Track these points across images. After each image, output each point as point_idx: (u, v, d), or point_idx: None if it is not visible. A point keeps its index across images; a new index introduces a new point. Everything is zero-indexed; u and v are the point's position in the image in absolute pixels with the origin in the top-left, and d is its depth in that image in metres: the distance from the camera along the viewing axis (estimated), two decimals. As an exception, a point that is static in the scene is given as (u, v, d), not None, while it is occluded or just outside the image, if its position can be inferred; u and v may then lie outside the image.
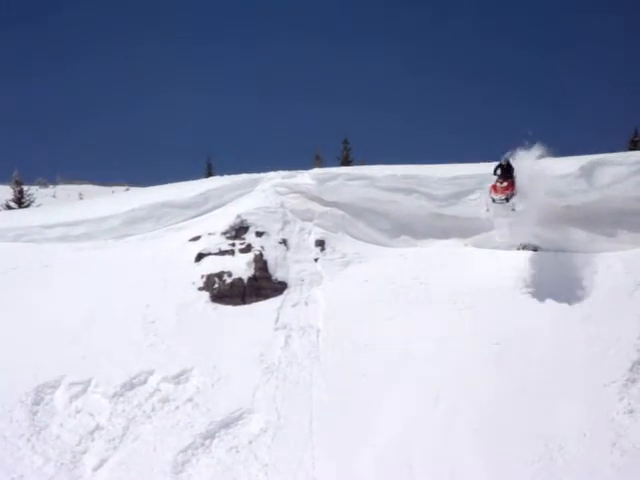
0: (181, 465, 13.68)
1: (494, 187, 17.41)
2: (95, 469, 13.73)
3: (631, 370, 14.73)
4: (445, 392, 14.71)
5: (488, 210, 17.72)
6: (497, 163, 17.72)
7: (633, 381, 14.54)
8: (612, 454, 13.09)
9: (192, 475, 13.52)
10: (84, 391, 15.32)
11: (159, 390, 15.40)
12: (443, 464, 13.15)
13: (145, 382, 15.55)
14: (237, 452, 13.93)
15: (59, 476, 13.47)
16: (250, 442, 14.12)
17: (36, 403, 14.93)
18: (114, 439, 14.31)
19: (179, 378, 15.61)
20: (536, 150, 17.87)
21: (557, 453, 13.17)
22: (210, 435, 14.26)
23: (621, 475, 12.64)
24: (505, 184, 17.27)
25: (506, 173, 17.48)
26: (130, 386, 15.39)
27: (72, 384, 15.41)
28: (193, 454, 13.94)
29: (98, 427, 14.59)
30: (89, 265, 19.68)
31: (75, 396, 15.22)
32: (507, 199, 17.28)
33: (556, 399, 14.25)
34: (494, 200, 17.36)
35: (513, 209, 17.37)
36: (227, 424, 14.49)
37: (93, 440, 14.29)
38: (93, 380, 15.46)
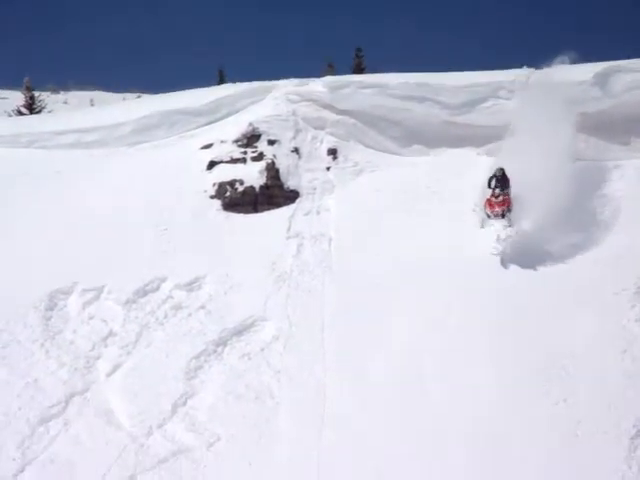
0: (193, 371, 13.47)
1: (489, 202, 16.14)
2: (109, 374, 13.52)
3: (642, 277, 14.36)
4: (457, 301, 14.39)
5: (483, 227, 16.20)
6: (491, 174, 16.33)
7: (645, 287, 14.18)
8: (623, 361, 12.80)
9: (204, 381, 13.32)
10: (97, 297, 15.06)
11: (172, 297, 15.13)
12: (454, 371, 12.90)
13: (158, 289, 15.27)
14: (249, 359, 13.72)
15: (73, 381, 13.27)
16: (262, 349, 13.89)
17: (49, 309, 14.68)
18: (127, 345, 14.09)
19: (191, 285, 15.33)
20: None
21: (568, 361, 12.88)
22: (222, 342, 14.03)
23: (632, 382, 12.38)
24: (500, 198, 15.97)
25: (501, 185, 16.10)
26: (143, 293, 15.13)
27: (85, 290, 15.14)
28: (205, 361, 13.72)
29: (111, 333, 14.35)
30: (101, 172, 19.31)
31: (88, 302, 14.97)
32: (503, 214, 15.98)
33: (567, 308, 13.93)
34: (489, 216, 16.10)
35: (509, 225, 15.82)
36: (239, 331, 14.24)
37: (106, 346, 14.08)
38: (106, 287, 15.18)
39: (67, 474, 11.61)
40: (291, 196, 18.36)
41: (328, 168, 19.26)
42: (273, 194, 18.34)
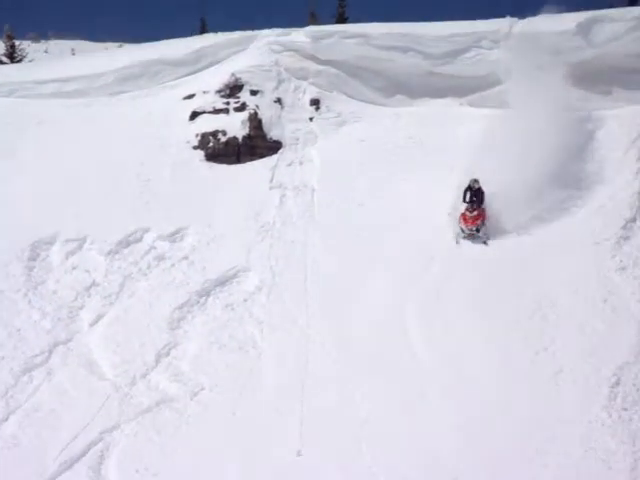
0: (177, 322, 13.38)
1: (463, 217, 15.07)
2: (92, 324, 13.41)
3: (624, 228, 14.35)
4: (440, 254, 14.34)
5: (458, 242, 14.95)
6: (465, 186, 15.29)
7: (626, 238, 14.18)
8: (603, 311, 12.78)
9: (188, 331, 13.23)
10: (80, 248, 14.89)
11: (154, 248, 14.98)
12: (436, 320, 12.87)
13: (141, 240, 15.12)
14: (232, 310, 13.63)
15: (56, 330, 13.16)
16: (245, 300, 13.80)
17: (32, 259, 14.51)
18: (110, 295, 13.96)
19: (174, 236, 15.17)
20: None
21: (549, 310, 12.86)
22: (205, 293, 13.93)
23: (612, 331, 12.36)
24: (475, 213, 14.93)
25: (476, 198, 15.12)
26: (126, 243, 14.96)
27: (68, 241, 14.97)
28: (189, 311, 13.62)
29: (94, 283, 14.22)
30: (83, 122, 18.98)
31: (71, 252, 14.80)
32: (477, 229, 14.95)
33: (549, 259, 13.89)
34: (463, 231, 15.03)
35: (485, 242, 14.86)
36: (222, 282, 14.13)
37: (89, 296, 13.95)
38: (88, 237, 15.02)
39: (51, 423, 11.51)
40: (274, 147, 18.14)
41: (311, 119, 19.03)
42: (256, 145, 18.10)
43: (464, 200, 15.12)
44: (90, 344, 13.02)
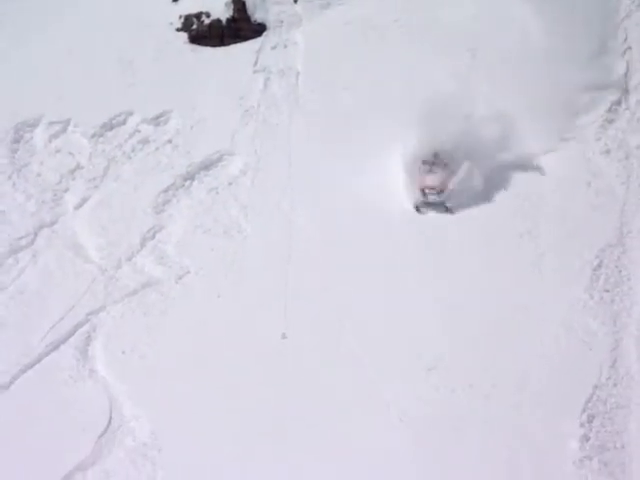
0: (162, 205, 12.91)
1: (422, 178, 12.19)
2: (77, 207, 12.93)
3: (609, 111, 13.67)
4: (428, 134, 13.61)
5: (419, 210, 12.30)
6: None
7: (610, 122, 13.50)
8: (587, 194, 12.37)
9: (173, 215, 12.78)
10: (63, 130, 14.23)
11: (138, 131, 14.31)
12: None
13: (124, 123, 14.42)
14: (217, 194, 13.12)
15: (41, 213, 12.70)
16: (230, 184, 13.28)
17: (15, 141, 13.90)
18: (95, 179, 13.41)
19: (158, 120, 14.47)
20: None
21: (533, 192, 12.46)
22: (190, 176, 13.39)
23: (596, 214, 12.04)
24: (438, 175, 12.09)
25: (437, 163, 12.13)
26: (109, 126, 14.29)
27: (51, 123, 14.28)
28: (174, 195, 13.12)
29: (78, 166, 13.63)
30: (65, 4, 17.97)
31: (54, 135, 14.15)
32: (439, 195, 12.10)
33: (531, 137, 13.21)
34: (424, 194, 12.16)
35: (448, 209, 12.16)
36: (207, 166, 13.56)
37: (74, 179, 13.40)
38: (72, 120, 14.32)
39: (37, 304, 11.22)
40: (258, 29, 17.19)
41: (295, 1, 18.04)
42: (240, 27, 17.15)
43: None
44: (75, 227, 12.58)
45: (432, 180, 12.01)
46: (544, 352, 10.26)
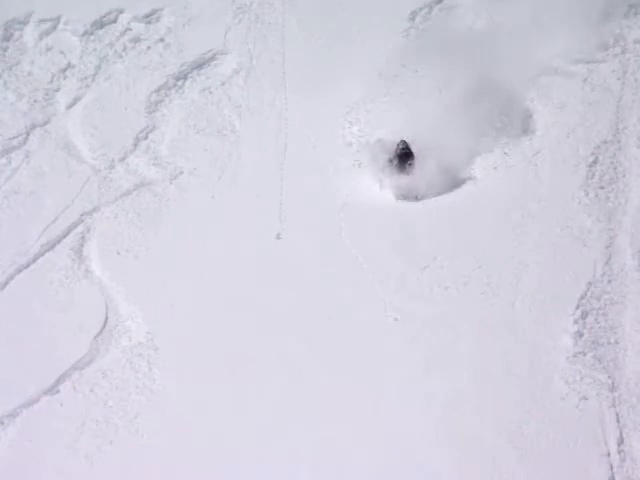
0: (154, 105, 12.31)
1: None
2: (68, 107, 12.33)
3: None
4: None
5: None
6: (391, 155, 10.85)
7: (606, 16, 12.56)
8: (583, 90, 11.77)
9: (165, 115, 12.20)
10: (54, 28, 13.51)
11: (130, 29, 13.57)
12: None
13: (115, 21, 13.67)
14: (210, 93, 12.49)
15: (33, 112, 12.12)
16: (223, 83, 12.63)
17: (5, 39, 13.22)
18: (86, 78, 12.77)
19: (150, 17, 13.72)
20: None
21: (532, 86, 11.84)
22: (183, 76, 12.73)
23: (591, 109, 11.47)
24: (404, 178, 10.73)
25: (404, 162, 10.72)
26: (100, 24, 13.54)
27: (41, 21, 13.56)
28: (166, 94, 12.50)
29: (70, 65, 12.97)
30: None
31: (45, 33, 13.43)
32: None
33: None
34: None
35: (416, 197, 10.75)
36: (199, 65, 12.89)
37: (65, 78, 12.77)
38: (62, 17, 13.59)
39: (31, 205, 10.75)
40: None
41: None
42: None
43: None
44: (67, 127, 12.02)
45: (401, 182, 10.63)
46: (538, 249, 9.87)
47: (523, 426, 7.97)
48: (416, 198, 10.60)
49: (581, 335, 8.84)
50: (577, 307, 9.14)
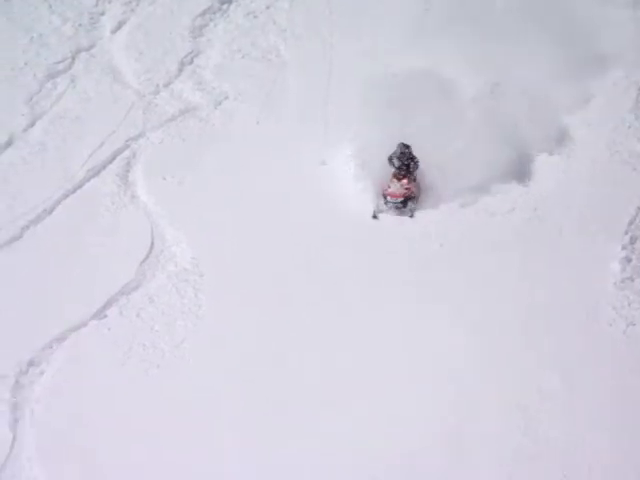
0: (199, 29, 11.76)
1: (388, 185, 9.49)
2: (113, 31, 11.82)
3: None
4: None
5: (376, 217, 9.41)
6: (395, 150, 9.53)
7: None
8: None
9: (211, 39, 11.66)
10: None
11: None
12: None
13: None
14: (255, 17, 11.90)
15: (78, 37, 11.64)
16: (268, 7, 12.02)
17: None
18: (131, 2, 12.19)
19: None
20: None
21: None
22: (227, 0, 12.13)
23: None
24: (405, 181, 9.38)
25: (406, 165, 9.41)
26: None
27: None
28: (211, 19, 11.93)
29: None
30: None
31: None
32: (404, 202, 9.33)
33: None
34: (387, 202, 9.39)
35: (411, 215, 9.39)
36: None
37: (110, 2, 12.21)
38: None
39: (76, 130, 10.35)
40: None
41: None
42: None
43: (390, 162, 9.50)
44: (112, 51, 11.55)
45: (397, 189, 9.35)
46: (588, 174, 9.39)
47: (569, 352, 7.70)
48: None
49: (629, 261, 8.47)
50: (626, 233, 8.73)
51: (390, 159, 9.45)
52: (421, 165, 9.39)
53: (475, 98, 10.15)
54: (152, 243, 9.03)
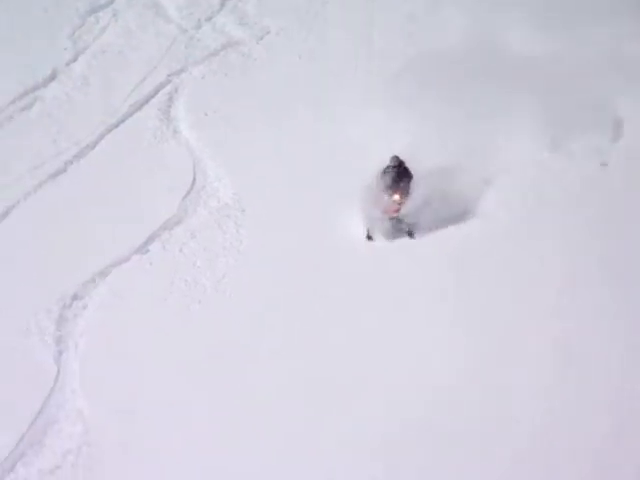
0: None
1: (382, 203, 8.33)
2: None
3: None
4: None
5: (370, 237, 8.17)
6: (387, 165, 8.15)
7: None
8: None
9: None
10: None
11: None
12: None
13: None
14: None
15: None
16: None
17: None
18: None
19: None
20: None
21: None
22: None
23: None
24: (396, 197, 8.05)
25: (398, 179, 8.04)
26: None
27: None
28: None
29: None
30: None
31: None
32: (400, 219, 8.23)
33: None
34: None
35: (410, 232, 8.18)
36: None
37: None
38: None
39: (119, 64, 10.09)
40: None
41: None
42: None
43: (383, 174, 8.12)
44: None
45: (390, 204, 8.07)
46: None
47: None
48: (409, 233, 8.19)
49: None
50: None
51: (383, 172, 8.03)
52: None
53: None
54: (194, 179, 8.76)
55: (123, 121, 9.38)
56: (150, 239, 8.10)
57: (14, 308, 7.36)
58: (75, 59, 10.08)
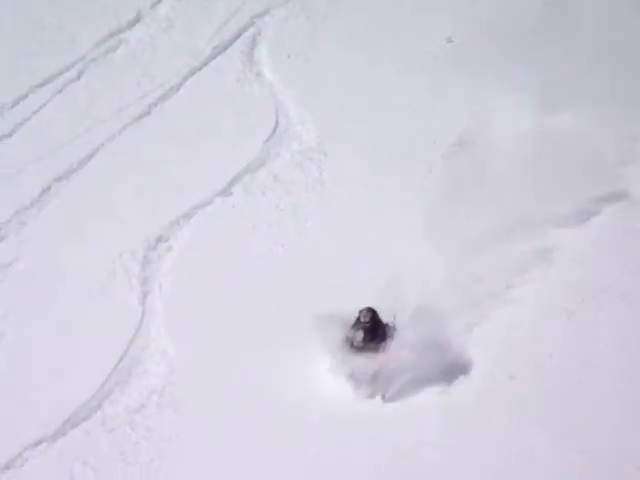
0: None
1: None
2: None
3: None
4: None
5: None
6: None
7: None
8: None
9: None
10: None
11: None
12: None
13: None
14: None
15: None
16: None
17: None
18: None
19: None
20: None
21: None
22: None
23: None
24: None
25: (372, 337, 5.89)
26: None
27: None
28: None
29: None
30: None
31: None
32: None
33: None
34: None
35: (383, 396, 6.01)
36: None
37: None
38: None
39: (202, 6, 9.54)
40: None
41: None
42: None
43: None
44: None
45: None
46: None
47: None
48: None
49: None
50: None
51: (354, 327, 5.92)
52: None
53: None
54: (277, 121, 8.30)
55: (206, 64, 8.95)
56: (232, 182, 7.71)
57: (100, 249, 7.09)
58: (159, 1, 9.60)
